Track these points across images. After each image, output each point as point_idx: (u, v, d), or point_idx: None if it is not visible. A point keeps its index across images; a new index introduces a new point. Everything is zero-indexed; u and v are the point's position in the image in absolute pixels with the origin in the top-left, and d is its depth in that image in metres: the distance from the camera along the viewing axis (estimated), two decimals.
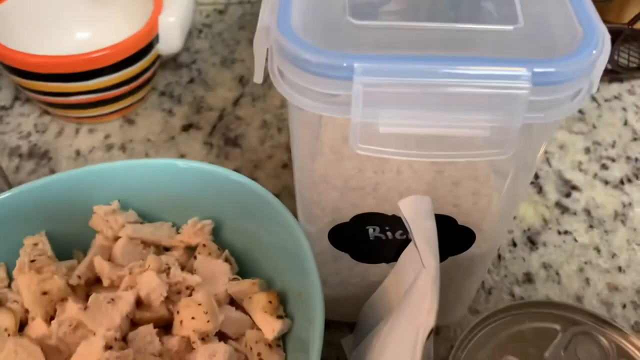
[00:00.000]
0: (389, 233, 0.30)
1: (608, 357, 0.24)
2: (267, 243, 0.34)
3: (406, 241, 0.30)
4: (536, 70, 0.21)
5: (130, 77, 0.48)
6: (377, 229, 0.30)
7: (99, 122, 0.51)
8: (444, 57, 0.22)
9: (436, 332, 0.38)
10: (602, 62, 0.23)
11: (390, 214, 0.29)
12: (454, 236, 0.30)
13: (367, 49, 0.23)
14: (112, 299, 0.31)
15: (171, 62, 0.56)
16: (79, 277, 0.33)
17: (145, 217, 0.37)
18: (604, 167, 0.48)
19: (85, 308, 0.30)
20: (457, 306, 0.37)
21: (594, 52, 0.22)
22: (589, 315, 0.26)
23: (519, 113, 0.22)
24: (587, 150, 0.49)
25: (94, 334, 0.30)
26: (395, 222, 0.30)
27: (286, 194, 0.46)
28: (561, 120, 0.24)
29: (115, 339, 0.29)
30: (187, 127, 0.51)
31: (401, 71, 0.21)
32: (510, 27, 0.23)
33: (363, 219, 0.30)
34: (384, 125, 0.22)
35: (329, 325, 0.39)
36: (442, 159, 0.24)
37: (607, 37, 0.23)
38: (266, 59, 0.25)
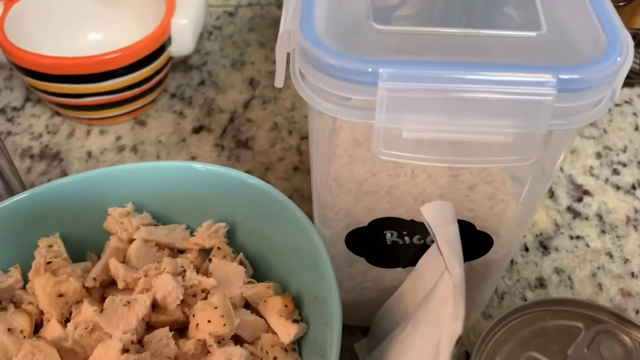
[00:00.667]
0: (406, 238, 0.30)
1: (631, 355, 0.24)
2: (281, 246, 0.34)
3: (423, 246, 0.30)
4: (561, 77, 0.21)
5: (142, 79, 0.48)
6: (395, 233, 0.30)
7: (111, 123, 0.51)
8: (468, 64, 0.22)
9: None
10: (625, 69, 0.23)
11: (407, 218, 0.29)
12: (471, 242, 0.30)
13: (390, 54, 0.23)
14: (128, 302, 0.31)
15: (182, 64, 0.56)
16: (95, 279, 0.33)
17: (159, 220, 0.37)
18: (616, 172, 0.48)
19: (101, 310, 0.30)
20: (471, 311, 0.37)
21: (619, 59, 0.22)
22: (612, 314, 0.26)
23: (544, 119, 0.22)
24: (599, 155, 0.49)
25: (110, 337, 0.30)
26: (413, 227, 0.30)
27: (297, 197, 0.46)
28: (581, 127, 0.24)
29: (132, 342, 0.29)
30: (198, 129, 0.51)
31: (426, 77, 0.21)
32: (533, 34, 0.23)
33: (381, 224, 0.30)
34: (407, 131, 0.22)
35: (342, 329, 0.39)
36: (464, 164, 0.24)
37: (631, 44, 0.23)
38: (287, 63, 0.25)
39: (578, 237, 0.44)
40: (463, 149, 0.24)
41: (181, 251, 0.36)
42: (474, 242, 0.30)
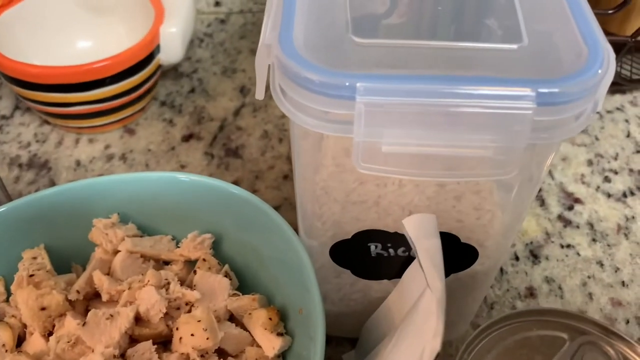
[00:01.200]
0: (391, 250, 0.30)
1: None
2: (267, 257, 0.34)
3: (409, 258, 0.30)
4: (540, 90, 0.21)
5: (131, 87, 0.47)
6: (379, 245, 0.30)
7: (100, 132, 0.51)
8: (447, 77, 0.21)
9: None
10: (607, 82, 0.22)
11: (392, 230, 0.29)
12: (456, 254, 0.30)
13: (370, 67, 0.23)
14: (111, 315, 0.30)
15: (172, 72, 0.56)
16: (78, 292, 0.33)
17: (144, 231, 0.37)
18: (607, 179, 0.48)
19: (84, 324, 0.30)
20: (459, 322, 0.37)
21: (599, 71, 0.22)
22: (596, 326, 0.26)
23: (523, 133, 0.22)
24: (590, 163, 0.49)
25: (92, 351, 0.29)
26: (397, 240, 0.29)
27: (287, 206, 0.46)
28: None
29: (114, 356, 0.29)
30: (187, 138, 0.51)
31: (403, 91, 0.21)
32: (514, 46, 0.23)
33: (364, 236, 0.29)
34: (386, 145, 0.22)
35: (330, 340, 0.38)
36: (445, 178, 0.24)
37: (612, 57, 0.22)
38: (268, 75, 0.25)
39: (569, 246, 0.43)
40: (444, 163, 0.23)
41: (166, 262, 0.36)
42: (459, 254, 0.30)
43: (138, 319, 0.32)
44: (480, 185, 0.30)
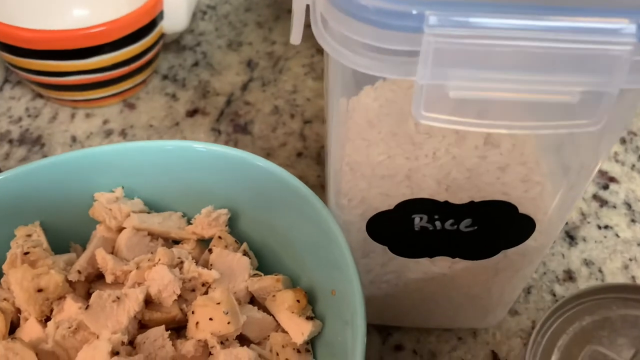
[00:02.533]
0: (437, 223, 0.26)
1: None
2: (291, 235, 0.31)
3: (457, 233, 0.27)
4: None
5: (131, 56, 0.44)
6: (425, 217, 0.26)
7: (97, 106, 0.47)
8: (529, 6, 0.18)
9: (474, 335, 0.35)
10: None
11: (442, 199, 0.26)
12: (512, 226, 0.26)
13: None
14: (118, 297, 0.27)
15: (174, 45, 0.52)
16: (79, 272, 0.29)
17: (152, 206, 0.33)
18: None
19: (87, 307, 0.26)
20: (498, 308, 0.33)
21: None
22: None
23: (619, 76, 0.18)
24: (623, 141, 0.46)
25: (97, 337, 0.26)
26: (447, 210, 0.26)
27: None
28: None
29: (122, 343, 0.26)
30: (192, 113, 0.47)
31: (480, 24, 0.18)
32: None
33: (409, 206, 0.26)
34: (455, 89, 0.19)
35: None
36: (519, 130, 0.21)
37: None
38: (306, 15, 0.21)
39: (607, 227, 0.40)
40: (518, 111, 0.20)
41: (177, 242, 0.33)
42: (515, 226, 0.26)
43: (148, 302, 0.28)
44: (526, 156, 0.27)
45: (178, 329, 0.28)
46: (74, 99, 0.46)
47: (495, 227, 0.26)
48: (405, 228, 0.27)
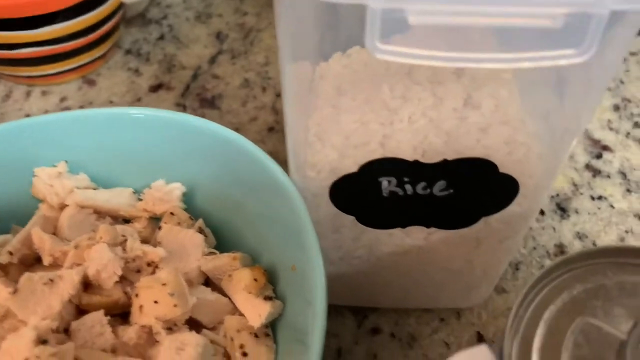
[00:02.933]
0: (407, 187, 0.23)
1: None
2: (252, 211, 0.28)
3: (430, 198, 0.24)
4: None
5: (87, 26, 0.40)
6: (393, 181, 0.23)
7: (54, 82, 0.44)
8: None
9: (457, 316, 0.32)
10: None
11: (411, 158, 0.23)
12: (492, 188, 0.23)
13: None
14: (51, 280, 0.24)
15: (139, 19, 0.49)
16: (11, 253, 0.26)
17: (100, 183, 0.30)
18: (637, 125, 0.42)
19: (15, 291, 0.23)
20: (483, 284, 0.30)
21: None
22: None
23: None
24: (617, 108, 0.43)
25: (26, 325, 0.23)
26: (417, 171, 0.23)
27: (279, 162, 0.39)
28: None
29: (53, 331, 0.23)
30: (155, 88, 0.44)
31: None
32: None
33: (375, 168, 0.23)
34: (416, 14, 0.16)
35: (328, 310, 0.32)
36: (495, 64, 0.18)
37: None
38: None
39: (600, 198, 0.38)
40: (491, 41, 0.17)
41: (128, 221, 0.30)
42: (496, 188, 0.23)
43: (88, 285, 0.25)
44: (510, 115, 0.24)
45: (123, 315, 0.25)
46: (29, 74, 0.43)
47: (473, 190, 0.23)
48: (372, 194, 0.24)
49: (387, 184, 0.23)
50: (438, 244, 0.26)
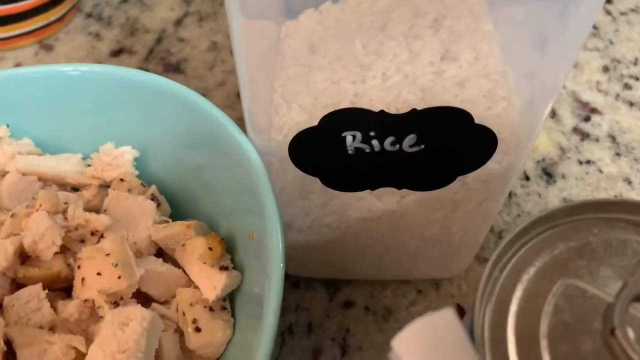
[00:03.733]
0: (374, 142, 0.21)
1: None
2: (210, 177, 0.25)
3: (400, 154, 0.22)
4: None
5: None
6: (359, 136, 0.21)
7: (8, 47, 0.41)
8: None
9: (436, 287, 0.30)
10: None
11: (376, 109, 0.21)
12: (467, 142, 0.21)
13: None
14: None
15: None
16: None
17: (45, 148, 0.28)
18: (627, 86, 0.40)
19: None
20: (462, 252, 0.28)
21: None
22: None
23: None
24: (606, 69, 0.41)
25: None
26: (384, 124, 0.21)
27: (241, 127, 0.37)
28: None
29: None
30: (117, 53, 0.41)
31: None
32: None
33: (337, 121, 0.21)
34: None
35: (297, 284, 0.30)
36: None
37: None
38: None
39: (588, 162, 0.35)
40: None
41: (76, 189, 0.27)
42: (472, 142, 0.21)
43: (26, 257, 0.23)
44: (490, 67, 0.22)
45: (70, 290, 0.23)
46: None
47: (446, 144, 0.21)
48: (336, 151, 0.22)
49: (351, 140, 0.21)
50: (411, 207, 0.24)
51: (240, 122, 0.37)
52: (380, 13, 0.21)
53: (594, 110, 0.38)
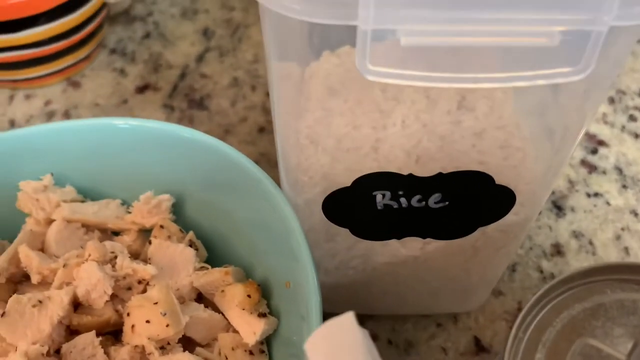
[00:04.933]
0: (402, 200, 0.23)
1: None
2: (243, 221, 0.27)
3: (426, 210, 0.23)
4: None
5: (70, 28, 0.39)
6: (388, 194, 0.23)
7: (38, 85, 0.43)
8: None
9: (454, 320, 0.32)
10: None
11: (405, 172, 0.22)
12: (488, 199, 0.23)
13: None
14: (40, 301, 0.23)
15: (123, 16, 0.48)
16: None
17: (87, 194, 0.29)
18: (632, 118, 0.41)
19: (3, 315, 0.23)
20: (480, 289, 0.30)
21: None
22: None
23: (608, 10, 0.15)
24: (612, 101, 0.43)
25: (16, 350, 0.22)
26: (412, 185, 0.22)
27: (264, 163, 0.39)
28: None
29: (44, 355, 0.22)
30: (142, 89, 0.43)
31: None
32: None
33: (369, 182, 0.23)
34: (407, 35, 0.15)
35: (324, 318, 0.32)
36: (490, 83, 0.17)
37: None
38: None
39: (596, 195, 0.37)
40: (486, 60, 0.16)
41: (116, 233, 0.29)
42: (492, 199, 0.23)
43: (78, 305, 0.24)
44: (505, 119, 0.23)
45: (115, 333, 0.25)
46: (12, 78, 0.42)
47: (469, 201, 0.23)
48: (366, 207, 0.23)
49: (381, 198, 0.23)
50: (434, 253, 0.26)
51: (262, 158, 0.39)
52: None
53: (601, 143, 0.40)
